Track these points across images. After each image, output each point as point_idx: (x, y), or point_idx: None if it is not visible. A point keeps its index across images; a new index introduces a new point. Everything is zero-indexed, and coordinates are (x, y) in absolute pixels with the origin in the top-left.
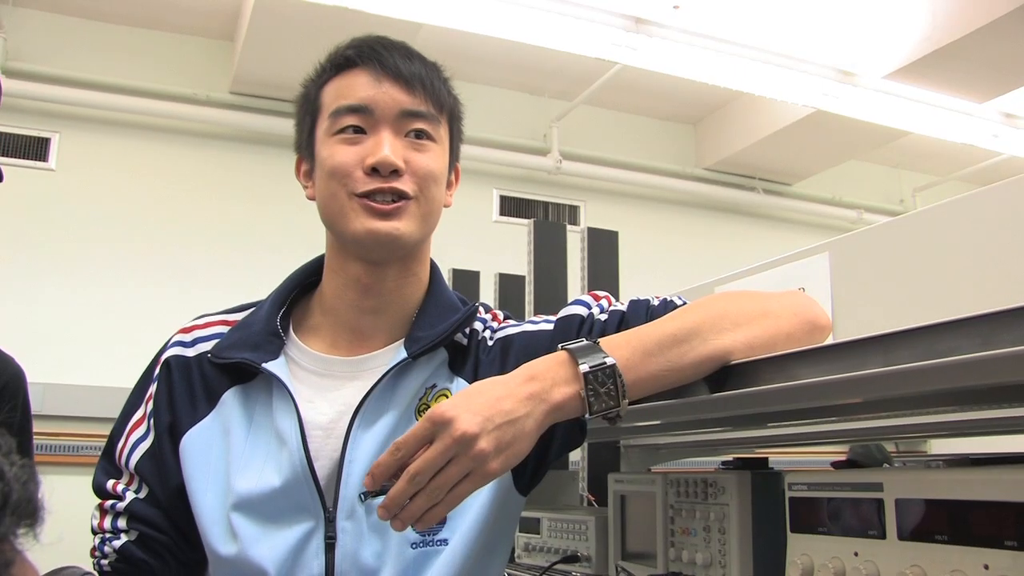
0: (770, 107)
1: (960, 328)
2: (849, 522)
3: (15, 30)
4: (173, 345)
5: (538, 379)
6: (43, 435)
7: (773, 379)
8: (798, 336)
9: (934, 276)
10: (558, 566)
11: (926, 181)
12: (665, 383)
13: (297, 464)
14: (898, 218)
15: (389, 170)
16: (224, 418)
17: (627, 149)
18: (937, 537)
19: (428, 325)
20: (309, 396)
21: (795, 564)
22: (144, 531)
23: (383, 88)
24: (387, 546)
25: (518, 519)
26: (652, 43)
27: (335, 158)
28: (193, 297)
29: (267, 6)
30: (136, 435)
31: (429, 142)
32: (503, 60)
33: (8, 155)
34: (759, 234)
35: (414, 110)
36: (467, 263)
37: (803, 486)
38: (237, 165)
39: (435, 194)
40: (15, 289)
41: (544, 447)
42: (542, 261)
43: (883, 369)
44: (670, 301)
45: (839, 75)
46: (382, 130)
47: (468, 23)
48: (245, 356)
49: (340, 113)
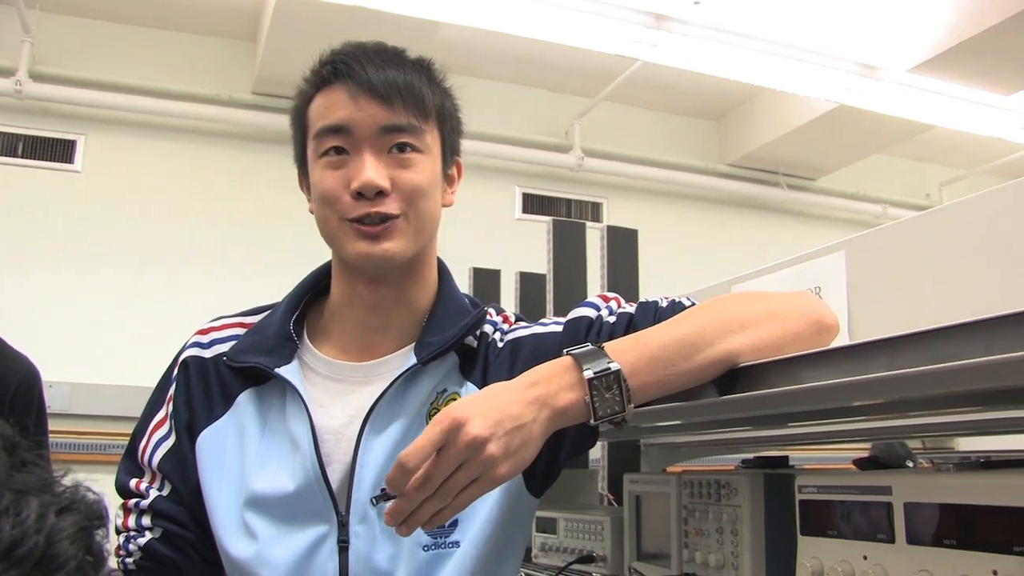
0: (793, 102)
1: (965, 332)
2: (858, 525)
3: (42, 35)
4: (191, 346)
5: (543, 384)
6: (72, 434)
7: (779, 382)
8: (805, 336)
9: (955, 275)
10: (574, 566)
11: (953, 175)
12: (671, 387)
13: (310, 469)
14: (916, 215)
15: (373, 192)
16: (239, 419)
17: (649, 145)
18: (946, 541)
19: (437, 330)
20: (321, 401)
21: (805, 567)
22: (169, 527)
23: (360, 106)
24: (400, 549)
25: (531, 520)
26: (673, 39)
27: (323, 184)
28: (218, 297)
29: (287, 6)
30: (159, 434)
31: (414, 154)
32: (524, 58)
33: (35, 157)
34: (783, 230)
35: (394, 124)
36: (490, 261)
37: (813, 488)
38: (260, 165)
39: (425, 207)
40: (43, 289)
41: (555, 449)
42: (561, 260)
43: (887, 373)
44: (679, 303)
45: (863, 69)
46: (364, 150)
47: (487, 21)
48: (259, 360)
49: (322, 135)
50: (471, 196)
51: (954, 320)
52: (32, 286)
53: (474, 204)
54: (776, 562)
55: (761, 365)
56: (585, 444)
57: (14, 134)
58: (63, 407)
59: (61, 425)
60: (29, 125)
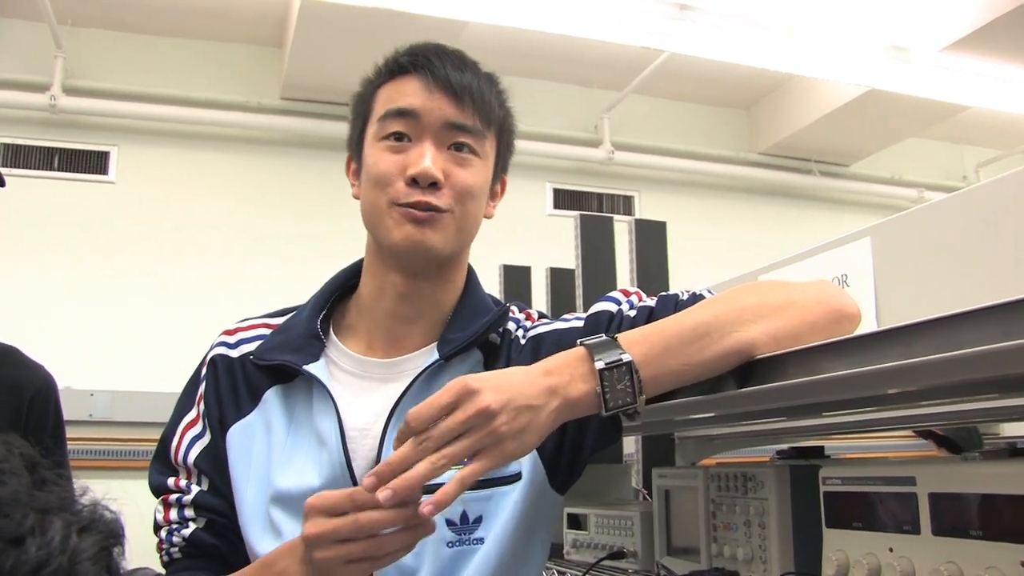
0: (824, 88)
1: (979, 318)
2: (883, 517)
3: (74, 49)
4: (217, 345)
5: (556, 373)
6: (112, 441)
7: (797, 373)
8: (824, 326)
9: (985, 258)
10: (605, 562)
11: (990, 156)
12: (686, 378)
13: (336, 465)
14: (943, 198)
15: (428, 182)
16: (266, 415)
17: (679, 137)
18: (972, 532)
19: (460, 327)
20: (348, 398)
21: (830, 560)
22: (212, 517)
23: (432, 97)
24: (424, 545)
25: (554, 517)
26: (698, 29)
27: (379, 166)
28: (253, 302)
29: (312, 11)
30: (192, 433)
31: (472, 156)
32: (550, 53)
33: (70, 170)
34: (817, 218)
35: (460, 123)
36: (522, 259)
37: (837, 480)
38: (291, 169)
39: (472, 209)
40: (80, 299)
41: (577, 444)
42: (590, 255)
43: (903, 362)
44: (699, 295)
45: (893, 51)
46: (426, 140)
47: (512, 18)
48: (287, 358)
49: (388, 117)
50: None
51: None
52: (71, 297)
53: (505, 201)
54: (804, 554)
55: (776, 356)
56: (608, 439)
57: (50, 148)
58: (105, 415)
59: (102, 433)
60: (64, 138)
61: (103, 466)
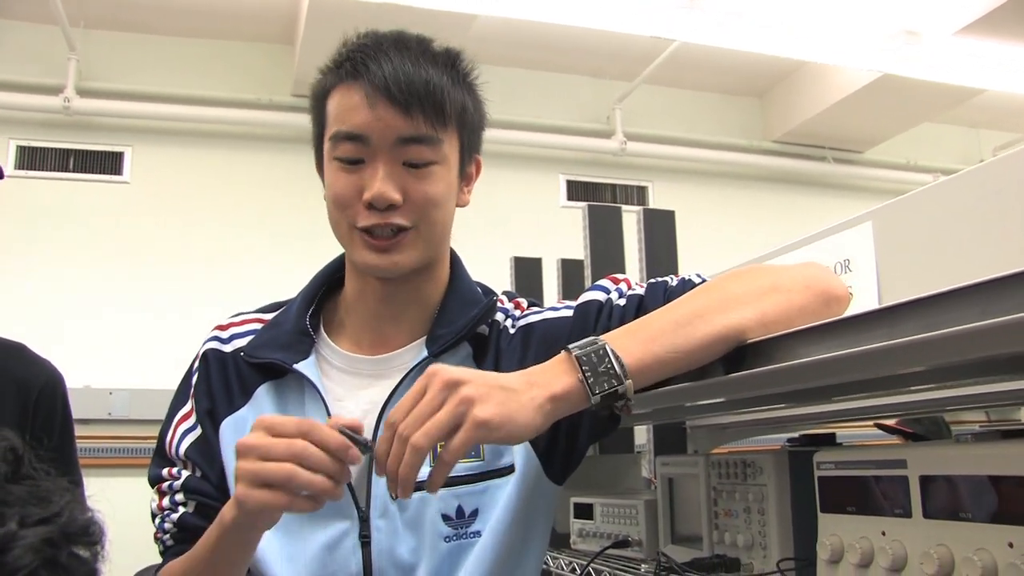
0: (836, 74)
1: (959, 297)
2: (876, 501)
3: (87, 51)
4: (210, 340)
5: (538, 374)
6: (131, 439)
7: (782, 358)
8: (812, 309)
9: (992, 239)
10: (609, 551)
11: (1007, 139)
12: (675, 366)
13: None
14: (944, 179)
15: (384, 205)
16: (258, 411)
17: (692, 126)
18: (962, 515)
19: (448, 322)
20: (339, 395)
21: (825, 545)
22: (201, 500)
23: (378, 113)
24: (422, 541)
25: (553, 508)
26: (708, 18)
27: (335, 187)
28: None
29: (322, 7)
30: (184, 426)
31: (430, 166)
32: (560, 45)
33: (85, 171)
34: (832, 205)
35: (410, 135)
36: (535, 250)
37: (830, 465)
38: (303, 165)
39: (438, 216)
40: (98, 299)
41: (572, 434)
42: (598, 245)
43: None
44: (688, 280)
45: (906, 36)
46: (378, 160)
47: (521, 10)
48: (276, 356)
49: (337, 139)
50: (515, 186)
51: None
52: (89, 296)
53: (518, 194)
54: (803, 539)
55: (762, 342)
56: (605, 428)
57: (65, 149)
58: (124, 413)
59: (121, 431)
60: (78, 140)
61: (122, 464)
